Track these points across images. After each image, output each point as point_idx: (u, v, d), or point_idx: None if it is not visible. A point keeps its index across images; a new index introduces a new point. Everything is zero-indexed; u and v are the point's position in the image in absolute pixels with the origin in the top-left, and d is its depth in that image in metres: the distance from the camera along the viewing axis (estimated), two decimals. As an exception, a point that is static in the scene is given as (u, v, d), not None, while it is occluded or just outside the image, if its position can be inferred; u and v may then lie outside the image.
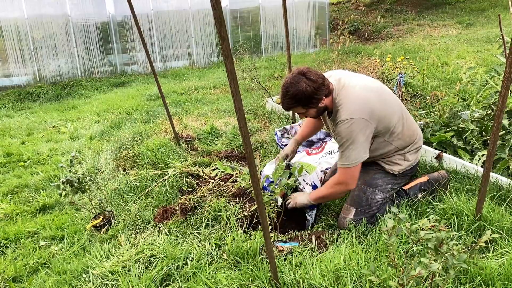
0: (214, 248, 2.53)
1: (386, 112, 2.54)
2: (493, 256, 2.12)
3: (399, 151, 2.68)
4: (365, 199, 2.64)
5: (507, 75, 1.95)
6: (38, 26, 9.22)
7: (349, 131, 2.45)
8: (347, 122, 2.45)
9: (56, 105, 7.84)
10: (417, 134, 2.74)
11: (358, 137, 2.44)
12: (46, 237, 3.00)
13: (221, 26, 1.36)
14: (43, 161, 4.64)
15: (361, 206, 2.61)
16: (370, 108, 2.47)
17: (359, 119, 2.44)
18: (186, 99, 6.76)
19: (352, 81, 2.60)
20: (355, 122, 2.44)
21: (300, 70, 2.52)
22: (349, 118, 2.45)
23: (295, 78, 2.49)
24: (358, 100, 2.50)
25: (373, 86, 2.62)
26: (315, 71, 2.53)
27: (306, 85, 2.45)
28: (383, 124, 2.53)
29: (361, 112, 2.45)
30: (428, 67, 6.84)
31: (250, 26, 11.12)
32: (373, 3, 16.28)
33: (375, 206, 2.63)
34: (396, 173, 2.70)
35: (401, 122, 2.62)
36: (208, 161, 3.89)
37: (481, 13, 12.98)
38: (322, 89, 2.50)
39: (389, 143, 2.63)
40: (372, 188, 2.67)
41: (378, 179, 2.70)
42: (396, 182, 2.73)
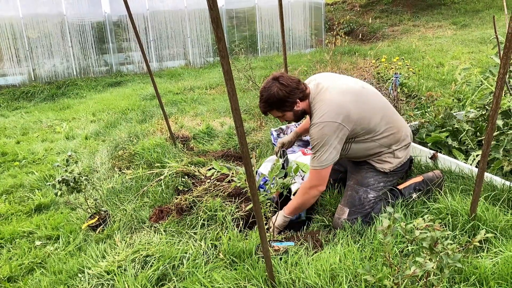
0: (210, 247, 2.54)
1: (365, 113, 2.57)
2: (487, 256, 2.13)
3: (387, 149, 2.70)
4: (358, 198, 2.66)
5: (501, 76, 1.97)
6: (33, 25, 9.18)
7: (320, 134, 2.50)
8: (319, 126, 2.51)
9: (51, 105, 7.82)
10: (403, 130, 2.75)
11: (330, 140, 2.49)
12: (42, 237, 2.99)
13: (218, 27, 1.36)
14: (38, 160, 4.63)
15: (354, 206, 2.63)
16: (344, 111, 2.51)
17: (331, 122, 2.49)
18: (182, 99, 6.75)
19: (330, 85, 2.65)
20: (326, 125, 2.49)
21: (274, 76, 2.64)
22: (321, 121, 2.51)
23: (268, 83, 2.62)
24: (332, 104, 2.54)
25: (353, 88, 2.66)
26: (289, 76, 2.64)
27: (278, 89, 2.57)
28: (361, 125, 2.57)
29: (334, 115, 2.50)
30: (423, 67, 6.87)
31: (246, 26, 11.12)
32: (369, 4, 16.33)
33: (368, 205, 2.65)
34: (387, 171, 2.72)
35: (384, 121, 2.64)
36: (204, 160, 3.89)
37: (476, 14, 13.04)
38: (295, 92, 2.60)
39: (373, 141, 2.66)
40: (364, 187, 2.69)
41: (370, 178, 2.73)
42: (388, 180, 2.74)
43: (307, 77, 3.18)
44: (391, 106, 2.81)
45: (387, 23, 13.44)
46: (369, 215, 2.63)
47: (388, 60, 6.21)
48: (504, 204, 2.53)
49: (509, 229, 2.33)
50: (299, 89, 2.62)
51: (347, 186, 2.78)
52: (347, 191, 2.75)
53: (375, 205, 2.67)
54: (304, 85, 2.67)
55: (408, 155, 2.80)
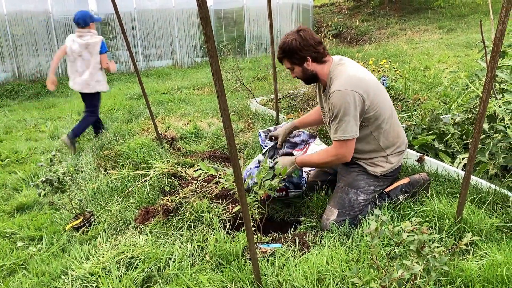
0: (197, 249, 2.51)
1: (379, 101, 2.59)
2: (473, 258, 2.14)
3: (382, 152, 2.70)
4: (348, 200, 2.65)
5: (488, 80, 1.98)
6: (17, 22, 9.04)
7: (342, 101, 2.47)
8: (341, 92, 2.48)
9: (36, 103, 7.71)
10: (401, 137, 2.77)
11: (351, 109, 2.47)
12: (24, 238, 2.93)
13: (207, 25, 1.34)
14: (21, 160, 4.55)
15: (343, 208, 2.63)
16: (364, 86, 2.52)
17: (353, 91, 2.47)
18: (169, 99, 6.71)
19: (354, 64, 2.69)
20: (349, 94, 2.47)
21: (298, 28, 2.65)
22: (343, 89, 2.49)
23: (290, 32, 2.65)
24: (354, 76, 2.56)
25: (371, 77, 2.69)
26: (312, 33, 2.63)
27: (293, 39, 2.58)
28: (374, 110, 2.57)
29: (356, 86, 2.50)
30: (410, 70, 6.93)
31: (235, 26, 11.10)
32: (357, 7, 16.43)
33: (358, 208, 2.64)
34: (378, 175, 2.72)
35: (390, 121, 2.66)
36: (191, 161, 3.86)
37: (462, 19, 13.20)
38: (308, 49, 2.59)
39: (374, 138, 2.66)
40: (354, 189, 2.69)
41: (361, 180, 2.72)
42: (378, 184, 2.74)
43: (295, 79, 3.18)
44: (395, 110, 2.83)
45: (374, 26, 13.53)
46: (357, 218, 2.63)
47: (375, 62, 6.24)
48: (490, 207, 2.56)
49: (494, 232, 2.35)
50: (316, 48, 2.61)
51: (337, 188, 2.77)
52: (336, 192, 2.74)
53: (364, 208, 2.67)
54: (324, 49, 2.66)
55: (401, 162, 2.80)
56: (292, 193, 2.94)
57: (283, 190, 2.94)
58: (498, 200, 2.59)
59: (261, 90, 6.66)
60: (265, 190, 2.31)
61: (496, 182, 2.82)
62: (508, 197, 2.58)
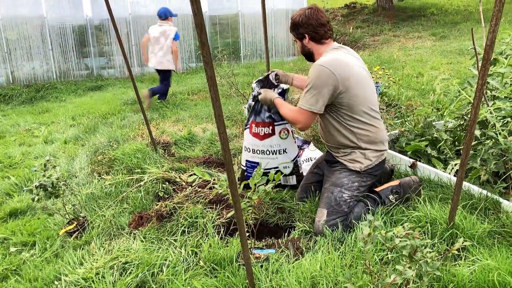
0: (190, 255, 2.51)
1: (359, 93, 2.67)
2: (465, 264, 2.16)
3: (358, 148, 2.77)
4: (334, 198, 2.72)
5: (479, 87, 2.01)
6: (12, 27, 9.02)
7: (316, 75, 2.62)
8: (318, 66, 2.62)
9: (30, 108, 7.68)
10: (380, 136, 2.82)
11: (321, 85, 2.60)
12: (17, 243, 2.92)
13: (202, 32, 1.36)
14: (15, 165, 4.53)
15: (331, 207, 2.69)
16: (346, 71, 2.63)
17: (329, 70, 2.59)
18: (163, 104, 6.71)
19: (348, 53, 2.83)
20: (325, 71, 2.59)
21: (309, 6, 2.84)
22: (322, 64, 2.62)
23: (303, 8, 2.85)
24: (339, 60, 2.68)
25: (362, 70, 2.80)
26: (318, 14, 2.80)
27: (299, 15, 2.81)
28: (349, 99, 2.65)
29: (335, 67, 2.61)
30: (403, 77, 6.98)
31: (229, 33, 11.14)
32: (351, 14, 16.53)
33: (345, 205, 2.70)
34: (359, 170, 2.77)
35: (367, 116, 2.73)
36: (186, 167, 3.86)
37: (454, 26, 13.32)
38: (308, 27, 2.78)
39: (351, 131, 2.73)
40: (338, 187, 2.76)
41: (343, 178, 2.78)
42: (362, 180, 2.79)
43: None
44: (379, 112, 2.90)
45: (368, 33, 13.62)
46: (349, 218, 2.67)
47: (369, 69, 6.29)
48: (481, 212, 2.58)
49: (486, 237, 2.37)
50: (315, 29, 2.78)
51: (323, 189, 2.84)
52: (323, 193, 2.81)
53: (353, 205, 2.73)
54: (326, 31, 2.81)
55: (380, 159, 2.84)
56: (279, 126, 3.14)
57: (271, 124, 3.15)
58: (490, 206, 2.62)
59: (255, 96, 6.67)
60: (259, 195, 2.32)
61: (488, 188, 2.85)
62: (500, 203, 2.61)
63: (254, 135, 3.24)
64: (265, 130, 3.18)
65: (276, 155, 3.23)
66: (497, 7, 1.79)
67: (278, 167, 3.23)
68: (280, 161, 3.23)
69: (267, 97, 3.03)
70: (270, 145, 3.20)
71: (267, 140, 3.19)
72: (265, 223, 2.97)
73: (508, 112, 2.93)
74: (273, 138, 3.18)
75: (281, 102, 2.97)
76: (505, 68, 3.03)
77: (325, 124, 2.86)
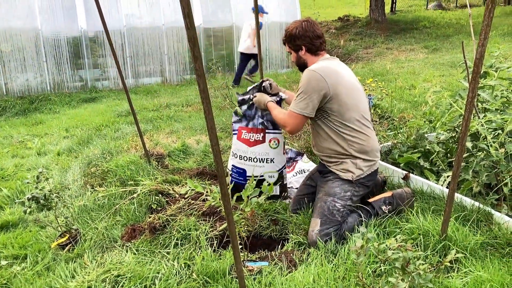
0: (183, 267, 2.50)
1: (348, 100, 2.73)
2: (457, 276, 2.17)
3: (349, 155, 2.79)
4: (327, 208, 2.73)
5: (469, 100, 2.03)
6: (6, 39, 9.01)
7: (307, 80, 2.71)
8: (309, 72, 2.73)
9: (23, 120, 7.64)
10: (371, 145, 2.84)
11: (312, 91, 2.69)
12: (8, 256, 2.89)
13: (195, 46, 1.37)
14: (7, 177, 4.50)
15: (324, 216, 2.70)
16: (336, 78, 2.71)
17: (319, 75, 2.68)
18: (157, 116, 6.71)
19: (339, 63, 2.92)
20: (316, 75, 2.69)
21: (305, 18, 2.97)
22: (312, 70, 2.73)
23: (298, 20, 2.94)
24: (330, 68, 2.77)
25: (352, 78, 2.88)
26: (314, 26, 2.90)
27: (295, 27, 2.89)
28: (339, 105, 2.72)
29: (326, 73, 2.70)
30: (396, 89, 7.04)
31: (224, 45, 11.19)
32: (344, 26, 16.69)
33: (338, 214, 2.71)
34: (351, 179, 2.78)
35: (358, 124, 2.77)
36: (179, 178, 3.86)
37: (446, 39, 13.48)
38: (305, 39, 2.87)
39: (339, 133, 2.77)
40: (331, 197, 2.77)
41: (336, 187, 2.80)
42: (354, 190, 2.81)
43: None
44: (371, 122, 2.95)
45: (361, 46, 13.75)
46: (342, 228, 2.67)
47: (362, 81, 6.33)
48: (474, 224, 2.59)
49: (478, 249, 2.38)
50: (312, 41, 2.88)
51: (317, 199, 2.86)
52: (316, 203, 2.83)
53: (346, 215, 2.74)
54: (321, 43, 2.91)
55: (372, 169, 2.86)
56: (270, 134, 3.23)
57: (263, 131, 3.22)
58: (482, 217, 2.64)
59: (249, 107, 6.69)
60: (251, 207, 2.32)
61: (480, 199, 2.87)
62: (492, 215, 2.63)
63: (243, 141, 3.27)
64: (255, 137, 3.23)
65: (263, 163, 3.26)
66: (486, 21, 1.82)
67: (264, 175, 3.26)
68: (266, 170, 3.27)
69: (261, 101, 3.12)
70: (258, 152, 3.24)
71: (257, 147, 3.23)
72: (258, 235, 2.97)
73: (499, 124, 2.96)
74: (263, 145, 3.23)
75: (274, 106, 3.06)
76: (495, 80, 3.07)
77: (317, 131, 2.90)
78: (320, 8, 21.84)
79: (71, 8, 9.56)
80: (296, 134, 4.80)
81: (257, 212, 3.06)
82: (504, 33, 12.72)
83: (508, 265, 2.25)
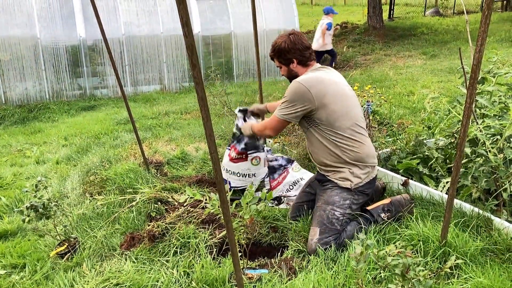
0: (183, 275, 2.49)
1: (338, 109, 2.75)
2: (457, 282, 2.16)
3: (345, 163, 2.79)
4: (326, 217, 2.72)
5: (467, 106, 2.04)
6: (5, 47, 9.03)
7: (292, 90, 2.78)
8: (295, 83, 2.78)
9: (22, 128, 7.64)
10: (366, 152, 2.84)
11: (296, 102, 2.75)
12: (6, 266, 2.87)
13: (193, 54, 1.38)
14: (6, 185, 4.49)
15: (323, 225, 2.69)
16: (322, 88, 2.74)
17: (305, 87, 2.72)
18: (156, 124, 6.71)
19: (328, 72, 2.94)
20: (300, 87, 2.74)
21: (290, 31, 2.96)
22: (299, 81, 2.77)
23: (283, 34, 2.95)
24: (315, 77, 2.81)
25: (345, 87, 2.91)
26: (301, 38, 2.92)
27: (283, 41, 2.88)
28: (326, 113, 2.74)
29: (311, 84, 2.74)
30: (395, 96, 7.05)
31: (222, 52, 11.22)
32: (342, 33, 16.75)
33: (337, 223, 2.71)
34: (350, 187, 2.78)
35: (351, 132, 2.78)
36: (178, 186, 3.85)
37: (444, 45, 13.52)
38: (295, 52, 2.88)
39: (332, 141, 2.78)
40: (330, 205, 2.77)
41: (335, 196, 2.79)
42: (353, 198, 2.81)
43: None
44: (365, 129, 2.94)
45: (359, 52, 13.78)
46: (342, 236, 2.67)
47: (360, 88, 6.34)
48: (473, 230, 2.59)
49: (478, 255, 2.37)
50: (302, 53, 2.90)
51: (316, 208, 2.85)
52: (315, 212, 2.82)
53: (345, 224, 2.73)
54: (310, 54, 2.94)
55: (370, 177, 2.86)
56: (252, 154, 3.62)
57: (243, 153, 3.63)
58: (482, 223, 2.63)
59: (248, 115, 6.70)
60: (251, 215, 2.32)
61: (479, 205, 2.87)
62: (491, 220, 2.62)
63: (230, 159, 3.74)
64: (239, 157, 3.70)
65: (246, 177, 3.69)
66: (483, 27, 1.83)
67: (247, 185, 3.48)
68: (247, 181, 3.67)
69: (246, 128, 3.34)
70: (242, 168, 3.69)
71: (240, 163, 3.68)
72: (258, 242, 2.96)
73: (497, 130, 2.96)
74: (246, 163, 3.67)
75: (255, 124, 3.26)
76: (493, 86, 3.08)
77: (311, 140, 2.91)
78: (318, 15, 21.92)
79: (70, 17, 9.59)
80: (295, 142, 4.80)
81: (257, 219, 3.06)
82: (502, 39, 12.78)
83: (508, 271, 2.24)
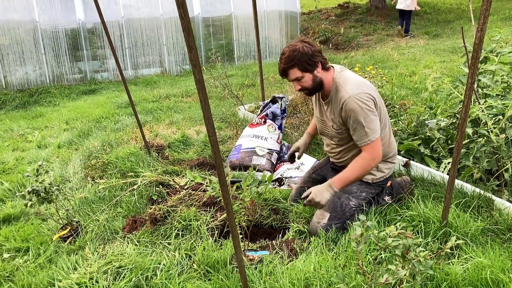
0: (184, 258, 2.51)
1: (381, 108, 2.66)
2: (458, 262, 2.17)
3: None
4: (340, 204, 2.68)
5: (469, 86, 2.01)
6: (4, 32, 8.97)
7: (360, 104, 2.48)
8: (356, 96, 2.49)
9: (23, 113, 7.64)
10: (393, 148, 2.82)
11: (371, 108, 2.50)
12: (10, 249, 2.90)
13: (189, 36, 1.35)
14: (8, 170, 4.51)
15: (335, 212, 2.66)
16: (373, 90, 2.58)
17: (366, 93, 2.51)
18: (157, 107, 6.69)
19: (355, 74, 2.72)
20: (364, 96, 2.50)
21: (299, 38, 2.61)
22: (358, 92, 2.50)
23: (295, 42, 2.57)
24: (362, 81, 2.62)
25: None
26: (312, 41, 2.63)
27: (303, 45, 2.52)
28: (379, 113, 2.62)
29: (367, 87, 2.56)
30: (397, 76, 6.99)
31: (223, 34, 11.12)
32: (344, 14, 16.55)
33: (349, 213, 2.68)
34: (370, 181, 2.76)
35: (385, 129, 2.71)
36: (179, 169, 3.85)
37: (447, 25, 13.36)
38: (318, 55, 2.56)
39: None
40: (346, 194, 2.72)
41: (353, 186, 2.75)
42: (370, 191, 2.78)
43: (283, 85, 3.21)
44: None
45: (361, 33, 13.64)
46: (345, 223, 2.66)
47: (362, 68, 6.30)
48: (474, 210, 2.59)
49: (479, 235, 2.38)
50: (323, 55, 2.62)
51: None
52: None
53: (355, 214, 2.70)
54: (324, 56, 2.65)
55: (391, 172, 2.85)
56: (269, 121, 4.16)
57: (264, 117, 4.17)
58: (483, 203, 2.63)
59: (249, 97, 6.68)
60: (251, 197, 2.32)
61: (481, 186, 2.86)
62: (492, 201, 2.62)
63: (250, 125, 4.18)
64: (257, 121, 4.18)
65: (257, 139, 3.97)
66: (485, 5, 1.79)
67: (255, 148, 3.89)
68: (258, 144, 3.92)
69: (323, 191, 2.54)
70: (257, 130, 4.06)
71: (259, 127, 4.09)
72: (259, 224, 2.97)
73: (500, 110, 2.94)
74: (263, 127, 4.08)
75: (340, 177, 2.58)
76: (496, 65, 3.04)
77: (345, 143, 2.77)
78: (320, -5, 21.63)
79: (68, 0, 9.49)
80: (295, 124, 4.78)
81: (257, 201, 3.06)
82: (506, 17, 12.60)
83: (508, 251, 2.25)
